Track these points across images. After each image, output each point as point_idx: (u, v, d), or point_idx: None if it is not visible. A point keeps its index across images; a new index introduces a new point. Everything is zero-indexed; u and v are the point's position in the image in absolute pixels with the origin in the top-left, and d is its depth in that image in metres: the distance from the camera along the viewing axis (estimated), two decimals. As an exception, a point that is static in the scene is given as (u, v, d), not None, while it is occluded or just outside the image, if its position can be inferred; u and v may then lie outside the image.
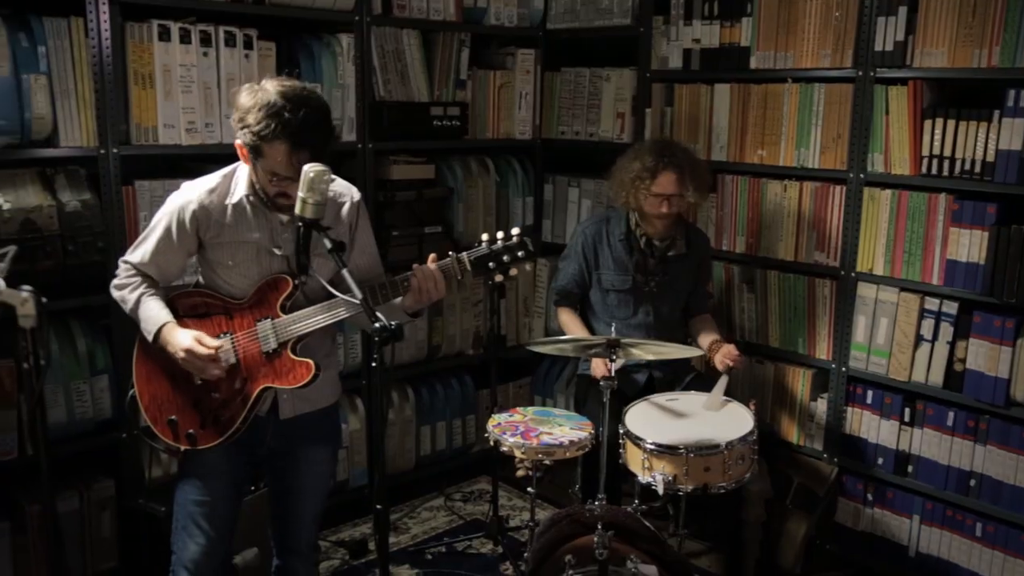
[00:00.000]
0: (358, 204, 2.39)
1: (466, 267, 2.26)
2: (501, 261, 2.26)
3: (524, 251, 2.26)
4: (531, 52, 4.09)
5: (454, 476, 4.07)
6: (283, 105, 2.07)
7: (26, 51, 2.76)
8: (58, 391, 2.93)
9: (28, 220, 2.79)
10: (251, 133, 2.10)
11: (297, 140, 2.08)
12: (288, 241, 2.25)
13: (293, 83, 2.17)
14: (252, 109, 2.09)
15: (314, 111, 2.11)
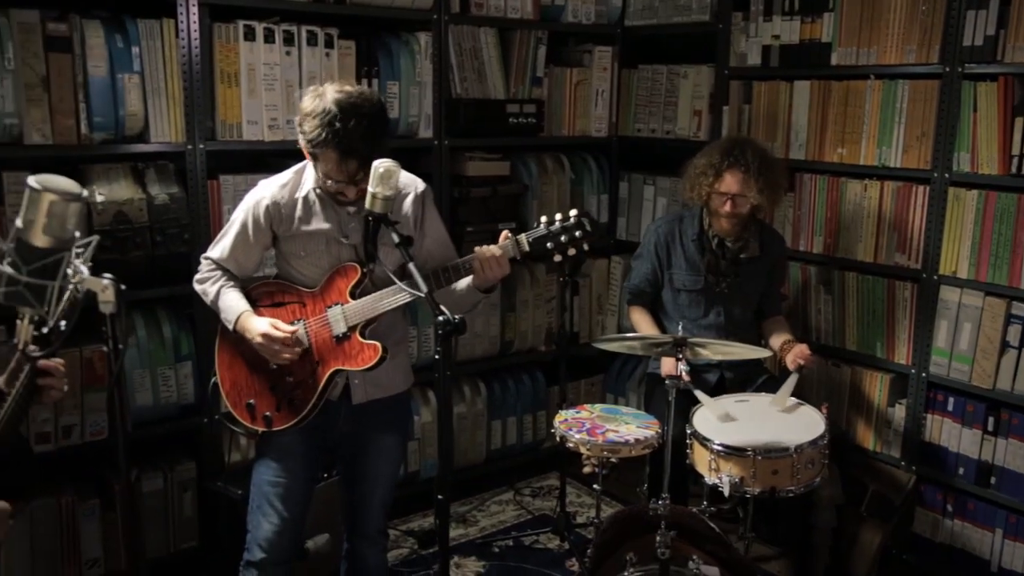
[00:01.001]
0: (422, 195, 2.44)
1: (524, 247, 2.30)
2: (559, 241, 2.29)
3: (582, 231, 2.28)
4: (608, 49, 4.08)
5: (524, 471, 4.10)
6: (335, 115, 2.16)
7: (121, 52, 2.90)
8: (145, 376, 3.07)
9: (120, 212, 2.93)
10: (305, 140, 2.22)
11: (345, 150, 2.18)
12: (355, 231, 2.33)
13: (351, 90, 2.23)
14: (308, 116, 2.20)
15: (365, 120, 2.18)
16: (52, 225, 1.46)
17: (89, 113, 2.86)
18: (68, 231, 1.49)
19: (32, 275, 1.45)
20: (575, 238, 2.29)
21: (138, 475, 3.14)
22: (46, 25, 2.76)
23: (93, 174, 2.95)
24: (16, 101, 2.73)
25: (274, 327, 2.28)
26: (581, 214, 2.30)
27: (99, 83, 2.86)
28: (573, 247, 2.30)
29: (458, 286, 2.36)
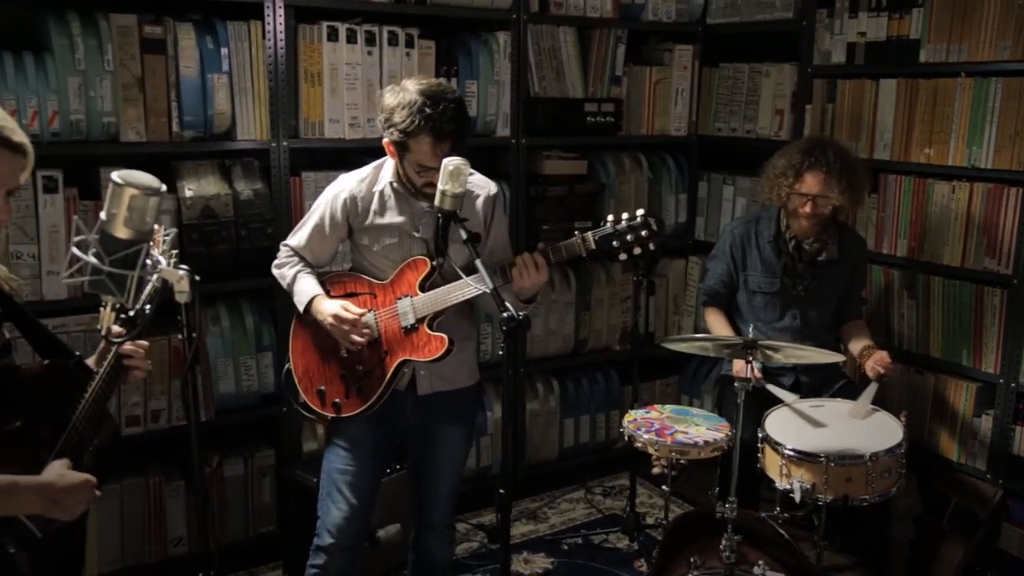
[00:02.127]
0: (493, 198, 2.48)
1: (590, 245, 2.31)
2: (625, 240, 2.29)
3: (648, 230, 2.28)
4: (689, 48, 4.04)
5: (596, 470, 4.10)
6: (423, 102, 2.23)
7: (211, 53, 3.02)
8: (228, 364, 3.19)
9: (207, 207, 3.05)
10: (397, 131, 2.27)
11: (438, 132, 2.24)
12: (427, 225, 2.39)
13: (429, 80, 2.31)
14: (396, 108, 2.26)
15: (452, 103, 2.26)
16: (132, 218, 1.54)
17: (180, 112, 2.99)
18: (147, 224, 1.57)
19: (114, 265, 1.54)
20: (641, 237, 2.29)
21: (220, 460, 3.27)
22: (142, 28, 2.90)
23: (183, 170, 3.08)
24: (113, 101, 2.87)
25: (345, 308, 2.35)
26: (648, 213, 2.30)
27: (190, 83, 2.99)
28: (639, 246, 2.30)
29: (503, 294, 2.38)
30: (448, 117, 2.23)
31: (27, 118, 2.75)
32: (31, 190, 2.80)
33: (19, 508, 1.50)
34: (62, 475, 1.56)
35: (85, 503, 1.58)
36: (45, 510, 1.52)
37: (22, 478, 1.49)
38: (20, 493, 1.48)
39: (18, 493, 1.47)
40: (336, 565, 2.47)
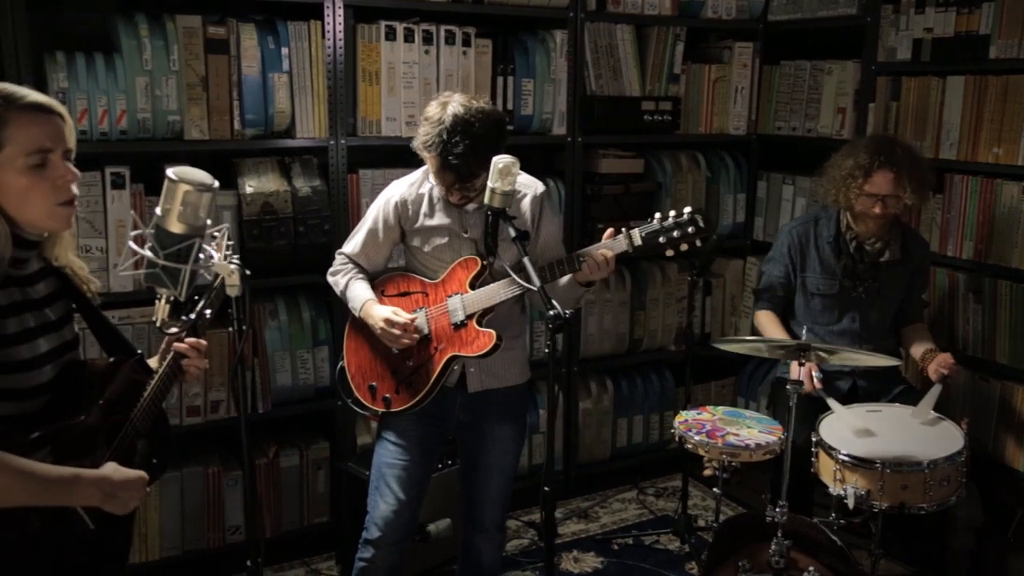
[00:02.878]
0: (540, 197, 2.49)
1: (637, 241, 2.32)
2: (672, 237, 2.31)
3: (695, 227, 2.29)
4: (749, 45, 3.98)
5: (649, 470, 4.07)
6: (446, 128, 2.27)
7: (272, 53, 3.09)
8: (285, 357, 3.26)
9: (267, 203, 3.12)
10: (420, 143, 2.34)
11: (444, 163, 2.29)
12: (475, 225, 2.42)
13: (472, 106, 2.30)
14: (426, 120, 2.33)
15: (470, 140, 2.25)
16: (186, 213, 1.58)
17: (242, 110, 3.07)
18: (200, 219, 1.61)
19: (168, 259, 1.58)
20: (688, 234, 2.29)
21: (276, 451, 3.34)
22: (207, 29, 2.98)
23: (244, 167, 3.16)
24: (178, 100, 2.95)
25: (395, 314, 2.39)
26: (695, 210, 2.30)
27: (252, 82, 3.06)
28: (685, 243, 2.30)
29: (560, 280, 2.40)
30: (458, 152, 2.25)
31: (97, 117, 2.85)
32: (99, 186, 2.91)
33: (79, 500, 1.55)
34: (118, 470, 1.61)
35: (138, 498, 1.64)
36: (101, 503, 1.57)
37: (84, 471, 1.55)
38: (81, 485, 1.53)
39: (79, 485, 1.53)
40: (384, 558, 2.51)
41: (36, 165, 1.56)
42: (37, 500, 1.48)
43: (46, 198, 1.58)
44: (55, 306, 1.72)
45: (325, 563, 3.35)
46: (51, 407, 1.64)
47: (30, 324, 1.61)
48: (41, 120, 1.59)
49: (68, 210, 1.62)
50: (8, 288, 1.58)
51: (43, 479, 1.47)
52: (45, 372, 1.63)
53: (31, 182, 1.56)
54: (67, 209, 1.62)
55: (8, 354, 1.55)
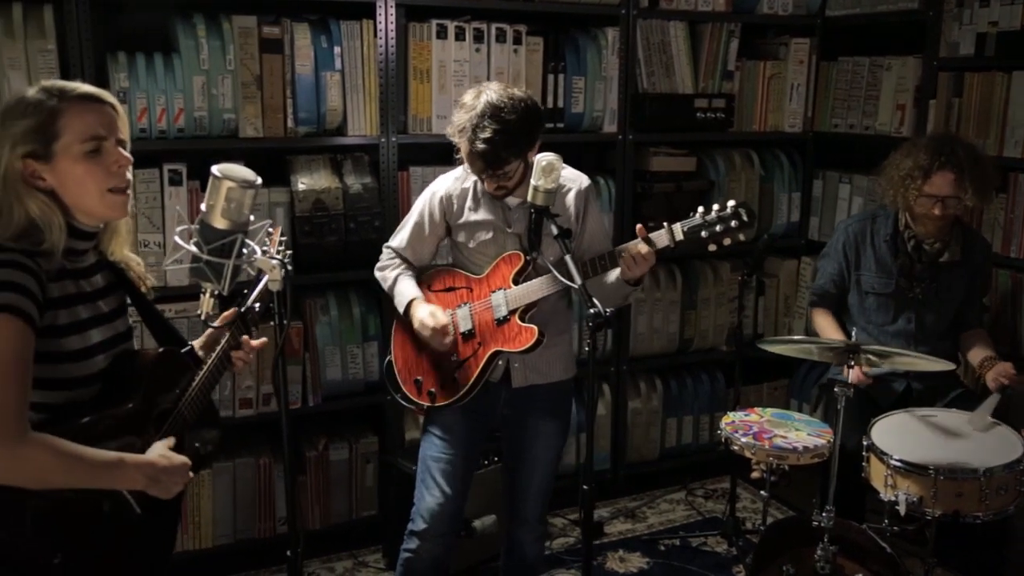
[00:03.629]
0: (584, 192, 2.48)
1: (678, 236, 2.30)
2: (714, 231, 2.28)
3: (738, 221, 2.27)
4: (806, 41, 3.91)
5: (698, 471, 4.03)
6: (477, 115, 2.28)
7: (325, 52, 3.13)
8: (335, 352, 3.31)
9: (318, 200, 3.17)
10: (453, 128, 2.36)
11: (474, 148, 2.30)
12: (518, 220, 2.43)
13: (507, 94, 2.30)
14: (461, 107, 2.34)
15: (500, 127, 2.26)
16: (230, 209, 1.62)
17: (295, 109, 3.12)
18: (244, 215, 1.65)
19: (211, 254, 1.62)
20: (731, 227, 2.27)
21: (326, 444, 3.39)
22: (262, 29, 3.04)
23: (297, 165, 3.21)
24: (234, 98, 3.02)
25: (431, 315, 2.40)
26: (739, 203, 2.28)
27: (305, 81, 3.11)
28: (728, 236, 2.28)
29: (608, 278, 2.40)
30: (484, 136, 2.26)
31: (155, 115, 2.93)
32: (157, 183, 2.99)
33: (123, 483, 1.60)
34: (163, 455, 1.66)
35: (181, 484, 1.68)
36: (146, 487, 1.62)
37: (128, 455, 1.60)
38: (125, 469, 1.58)
39: (124, 469, 1.58)
40: (428, 551, 2.53)
41: (91, 151, 1.61)
42: (83, 483, 1.54)
43: (100, 184, 1.63)
44: (109, 298, 1.77)
45: (372, 555, 3.39)
46: (103, 395, 1.70)
47: (82, 316, 1.66)
48: (94, 109, 1.64)
49: (122, 197, 1.67)
50: (62, 281, 1.63)
51: (89, 462, 1.52)
52: (97, 362, 1.69)
53: (87, 169, 1.61)
54: (121, 196, 1.67)
55: (60, 344, 1.61)
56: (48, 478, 1.49)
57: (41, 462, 1.47)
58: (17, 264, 1.52)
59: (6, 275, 1.50)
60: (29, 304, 1.50)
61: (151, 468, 1.62)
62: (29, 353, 1.51)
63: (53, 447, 1.49)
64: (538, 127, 2.35)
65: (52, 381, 1.60)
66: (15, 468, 1.46)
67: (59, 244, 1.60)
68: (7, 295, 1.48)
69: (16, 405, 1.46)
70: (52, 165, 1.60)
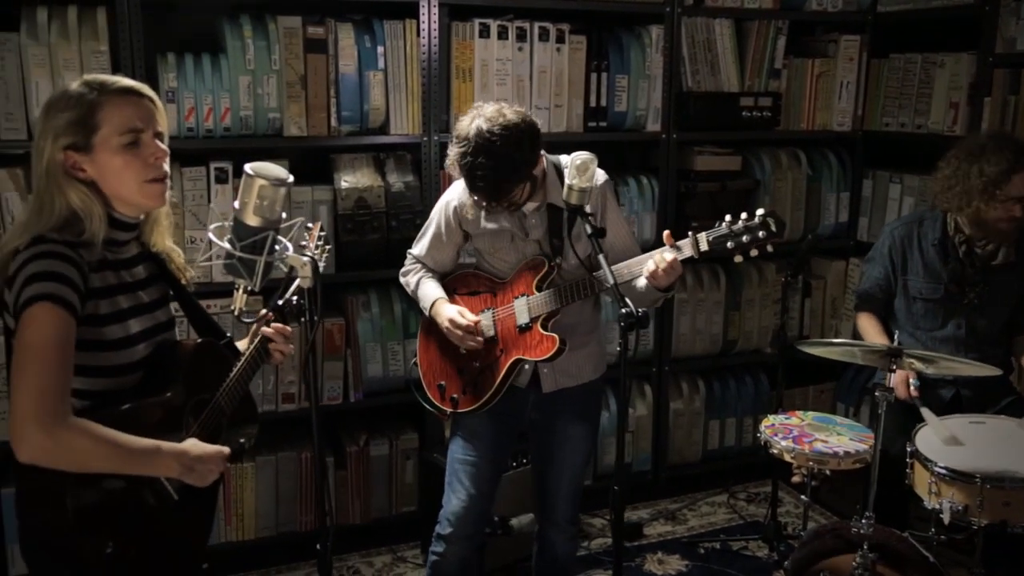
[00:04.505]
0: (602, 188, 2.42)
1: (703, 247, 2.25)
2: (741, 242, 2.22)
3: (766, 231, 2.20)
4: (856, 38, 3.83)
5: (741, 474, 3.98)
6: (468, 148, 2.22)
7: (368, 51, 3.17)
8: (376, 349, 3.34)
9: (361, 198, 3.20)
10: (450, 161, 2.31)
11: (473, 187, 2.27)
12: (535, 226, 2.41)
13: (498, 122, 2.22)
14: (456, 137, 2.29)
15: (491, 161, 2.19)
16: (262, 207, 1.64)
17: (339, 108, 3.16)
18: (276, 212, 1.67)
19: (244, 250, 1.65)
20: (758, 239, 2.20)
21: (367, 440, 3.43)
22: (306, 29, 3.08)
23: (340, 163, 3.25)
24: (278, 98, 3.07)
25: (460, 314, 2.40)
26: (768, 213, 2.21)
27: (348, 80, 3.15)
28: (755, 247, 2.21)
29: (638, 283, 2.35)
30: (479, 175, 2.21)
31: (203, 114, 2.99)
32: (204, 180, 3.05)
33: (159, 470, 1.64)
34: (198, 444, 1.70)
35: (216, 472, 1.72)
36: (181, 475, 1.66)
37: (164, 443, 1.64)
38: (161, 456, 1.62)
39: (160, 456, 1.62)
40: (455, 553, 2.53)
41: (129, 143, 1.66)
42: (120, 468, 1.58)
43: (138, 175, 1.67)
44: (150, 289, 1.81)
45: (411, 551, 3.41)
46: (144, 383, 1.74)
47: (123, 306, 1.71)
48: (132, 102, 1.69)
49: (159, 186, 1.71)
50: (103, 271, 1.68)
51: (126, 448, 1.56)
52: (137, 351, 1.73)
53: (125, 160, 1.66)
54: (158, 185, 1.70)
55: (101, 333, 1.65)
56: (86, 462, 1.53)
57: (79, 446, 1.51)
58: (59, 255, 1.56)
59: (49, 265, 1.54)
60: (71, 293, 1.55)
61: (187, 456, 1.65)
62: (70, 341, 1.55)
63: (91, 432, 1.53)
64: (534, 147, 2.27)
65: (94, 369, 1.65)
66: (54, 451, 1.50)
67: (99, 234, 1.65)
68: (49, 284, 1.53)
69: (57, 390, 1.51)
70: (92, 157, 1.65)
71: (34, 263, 1.54)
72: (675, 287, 2.39)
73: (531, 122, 2.28)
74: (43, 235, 1.59)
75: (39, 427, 1.48)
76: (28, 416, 1.48)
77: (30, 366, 1.50)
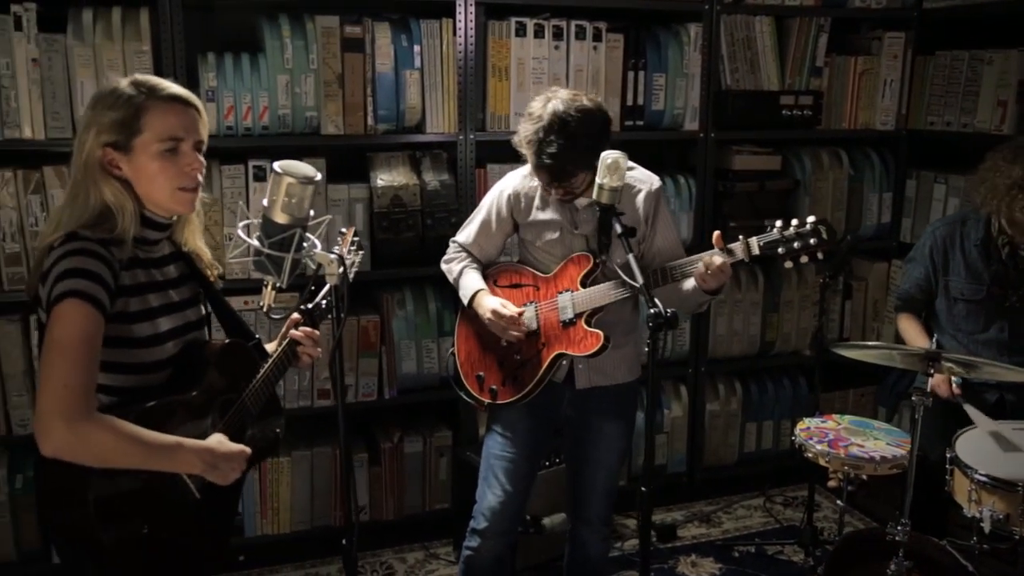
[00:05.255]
0: (655, 193, 2.44)
1: (754, 251, 2.23)
2: (792, 248, 2.21)
3: (817, 239, 2.19)
4: (901, 35, 3.75)
5: (778, 478, 3.93)
6: (543, 127, 2.27)
7: (404, 50, 3.18)
8: (411, 346, 3.36)
9: (396, 196, 3.22)
10: (519, 139, 2.36)
11: (540, 162, 2.30)
12: (585, 221, 2.40)
13: (575, 104, 2.27)
14: (527, 118, 2.33)
15: (566, 140, 2.24)
16: (290, 204, 1.66)
17: (375, 106, 3.18)
18: (304, 210, 1.69)
19: (272, 247, 1.67)
20: (809, 245, 2.19)
21: (401, 436, 3.45)
22: (344, 28, 3.10)
23: (376, 161, 3.27)
24: (316, 96, 3.10)
25: (503, 306, 2.41)
26: (819, 221, 2.20)
27: (385, 79, 3.17)
28: (806, 254, 2.20)
29: (685, 285, 2.34)
30: (550, 151, 2.24)
31: (241, 113, 3.03)
32: (243, 178, 3.09)
33: (181, 466, 1.67)
34: (222, 442, 1.72)
35: (238, 471, 1.73)
36: (203, 472, 1.68)
37: (187, 440, 1.66)
38: (183, 453, 1.65)
39: (182, 452, 1.64)
40: (489, 548, 2.54)
41: (167, 150, 1.68)
42: (141, 463, 1.60)
43: (171, 181, 1.70)
44: (181, 288, 1.84)
45: (444, 548, 3.43)
46: (171, 381, 1.77)
47: (153, 304, 1.74)
48: (178, 111, 1.71)
49: (190, 195, 1.73)
50: (134, 270, 1.71)
51: (148, 444, 1.59)
52: (166, 349, 1.76)
53: (161, 166, 1.69)
54: (190, 194, 1.73)
55: (131, 330, 1.68)
56: (108, 457, 1.56)
57: (102, 441, 1.54)
58: (90, 252, 1.60)
59: (79, 262, 1.58)
60: (99, 290, 1.58)
61: (209, 454, 1.67)
62: (97, 337, 1.58)
63: (114, 428, 1.56)
64: (606, 137, 2.32)
65: (123, 365, 1.68)
66: (77, 445, 1.53)
67: (130, 231, 1.67)
68: (80, 281, 1.56)
69: (81, 385, 1.54)
70: (130, 157, 1.68)
71: (66, 260, 1.57)
72: (723, 290, 2.37)
73: (605, 111, 2.35)
74: (76, 232, 1.62)
75: (62, 421, 1.51)
76: (52, 410, 1.51)
77: (56, 361, 1.53)
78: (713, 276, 2.23)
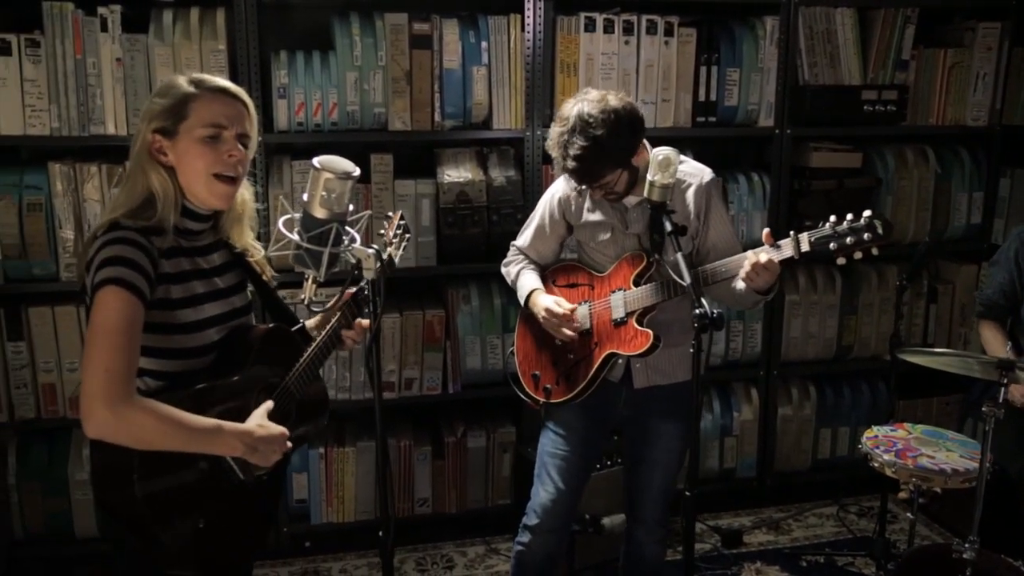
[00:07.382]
0: (707, 186, 2.37)
1: (804, 247, 2.15)
2: (844, 243, 2.11)
3: (871, 233, 2.08)
4: (996, 25, 3.56)
5: (853, 486, 3.78)
6: (567, 129, 2.24)
7: (472, 46, 3.20)
8: (475, 342, 3.38)
9: (462, 192, 3.24)
10: (549, 142, 2.33)
11: (564, 166, 2.27)
12: (636, 220, 2.37)
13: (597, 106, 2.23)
14: (556, 122, 2.31)
15: (589, 142, 2.20)
16: (328, 199, 1.69)
17: (442, 103, 3.21)
18: (342, 205, 1.71)
19: (310, 241, 1.70)
20: (863, 240, 2.09)
21: (464, 431, 3.47)
22: (412, 25, 3.14)
23: (443, 157, 3.30)
24: (384, 93, 3.14)
25: (556, 303, 2.40)
26: (875, 215, 2.09)
27: (452, 76, 3.19)
28: (859, 250, 2.10)
29: (738, 284, 2.28)
30: (573, 154, 2.22)
31: (312, 109, 3.10)
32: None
33: (222, 449, 1.71)
34: (261, 425, 1.75)
35: (279, 453, 1.77)
36: (244, 454, 1.72)
37: (227, 423, 1.70)
38: (223, 436, 1.69)
39: (222, 435, 1.68)
40: (541, 545, 2.53)
41: (210, 137, 1.73)
42: (182, 446, 1.65)
43: (209, 166, 1.73)
44: (227, 275, 1.88)
45: (505, 544, 3.43)
46: (214, 365, 1.82)
47: (197, 291, 1.79)
48: (224, 101, 1.76)
49: (226, 187, 1.76)
50: (176, 258, 1.76)
51: (188, 427, 1.64)
52: (209, 334, 1.80)
53: (200, 151, 1.73)
54: (226, 185, 1.76)
55: (174, 316, 1.74)
56: (149, 439, 1.61)
57: (142, 423, 1.59)
58: (129, 240, 1.65)
59: (119, 251, 1.64)
60: (138, 278, 1.63)
61: (249, 436, 1.71)
62: (137, 323, 1.63)
63: (155, 411, 1.61)
64: (634, 135, 2.27)
65: (168, 351, 1.74)
66: (118, 428, 1.59)
67: (169, 218, 1.72)
68: (118, 269, 1.62)
69: (122, 370, 1.60)
70: (174, 143, 1.73)
71: (107, 248, 1.63)
72: (775, 289, 2.30)
73: (632, 110, 2.29)
74: (118, 221, 1.68)
75: (104, 404, 1.57)
76: (95, 394, 1.57)
77: (98, 346, 1.59)
78: (759, 274, 2.15)
